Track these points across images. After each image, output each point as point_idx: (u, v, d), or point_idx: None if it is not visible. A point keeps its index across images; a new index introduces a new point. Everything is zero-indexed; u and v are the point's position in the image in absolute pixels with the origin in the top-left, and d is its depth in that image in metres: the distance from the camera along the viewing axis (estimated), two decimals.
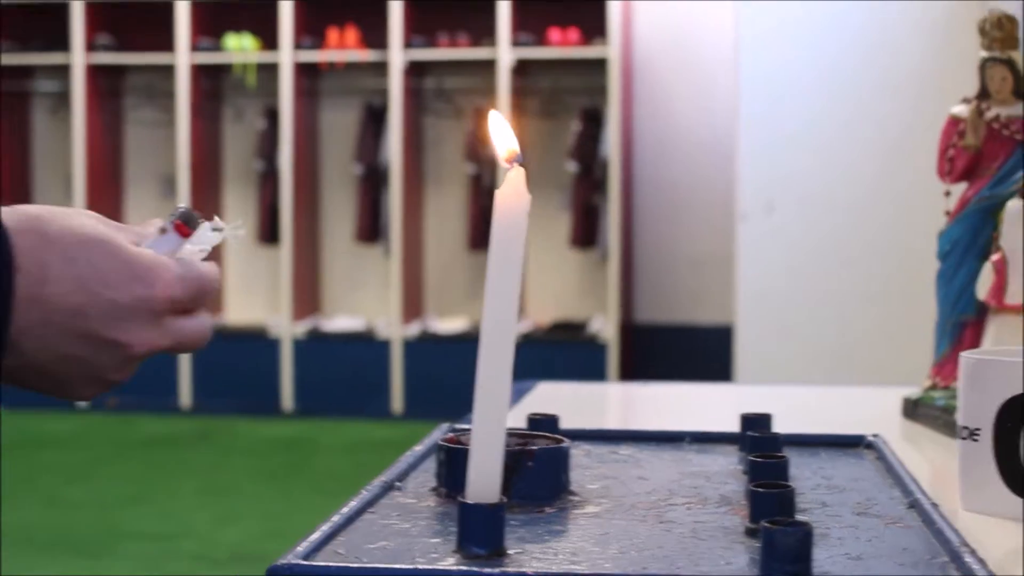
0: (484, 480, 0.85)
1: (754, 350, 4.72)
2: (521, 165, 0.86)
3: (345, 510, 0.94)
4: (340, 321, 7.79)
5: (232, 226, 0.93)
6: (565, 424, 1.20)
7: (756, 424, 1.18)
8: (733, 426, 1.23)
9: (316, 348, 7.64)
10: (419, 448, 1.14)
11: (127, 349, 0.87)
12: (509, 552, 0.86)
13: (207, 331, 0.91)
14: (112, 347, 0.86)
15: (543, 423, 1.16)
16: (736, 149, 4.81)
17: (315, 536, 0.88)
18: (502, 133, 0.88)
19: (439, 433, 1.20)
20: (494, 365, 0.85)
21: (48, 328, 0.84)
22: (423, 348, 7.55)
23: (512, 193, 0.85)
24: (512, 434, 1.04)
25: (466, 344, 7.52)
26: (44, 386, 0.88)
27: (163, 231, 0.90)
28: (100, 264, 0.85)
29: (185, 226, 0.91)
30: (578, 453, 1.18)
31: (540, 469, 0.99)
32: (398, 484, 1.04)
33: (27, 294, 0.83)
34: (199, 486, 5.92)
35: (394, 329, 7.56)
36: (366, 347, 7.62)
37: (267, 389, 7.57)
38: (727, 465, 1.15)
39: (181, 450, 6.76)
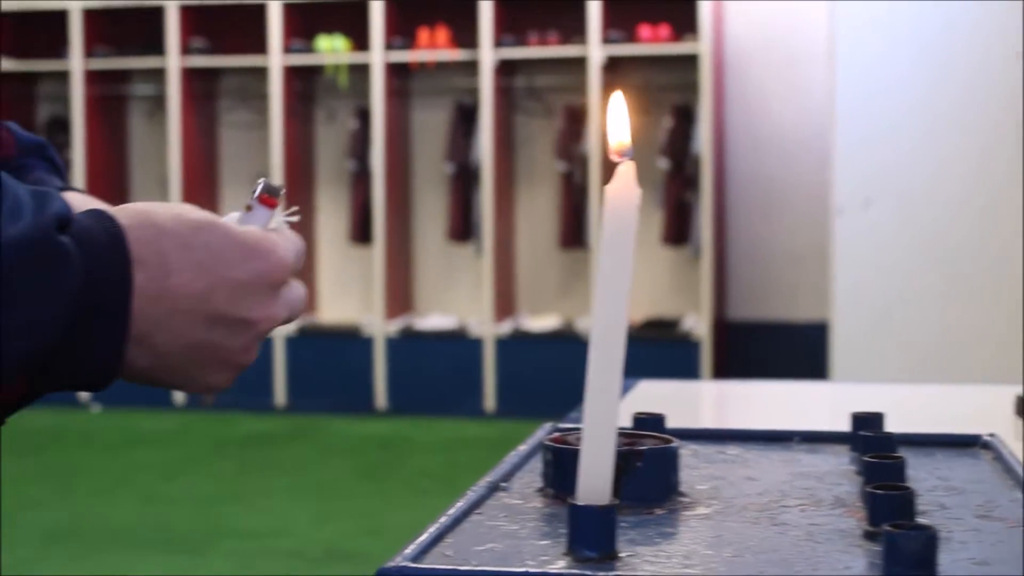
0: (595, 481, 0.83)
1: (850, 347, 4.66)
2: (631, 158, 0.84)
3: (452, 511, 0.93)
4: (432, 320, 7.80)
5: (287, 212, 0.93)
6: (669, 422, 1.18)
7: (868, 423, 1.15)
8: (837, 425, 1.20)
9: (409, 347, 7.66)
10: (523, 448, 1.12)
11: (255, 326, 0.87)
12: (621, 555, 0.84)
13: (305, 297, 0.91)
14: (241, 326, 0.86)
15: (649, 422, 1.14)
16: (832, 143, 4.75)
17: (423, 538, 0.86)
18: (619, 121, 0.86)
19: (543, 432, 1.18)
20: (605, 363, 0.83)
21: (176, 317, 0.84)
22: (515, 346, 7.55)
23: (622, 188, 0.83)
24: (619, 434, 1.02)
25: (558, 342, 7.51)
26: (177, 380, 0.87)
27: (248, 208, 0.91)
28: (216, 246, 0.85)
29: (271, 198, 0.91)
30: (685, 453, 1.16)
31: (650, 470, 0.97)
32: (504, 485, 1.03)
33: (150, 287, 0.82)
34: (294, 484, 5.96)
35: (486, 327, 7.57)
36: (458, 345, 7.63)
37: (361, 388, 7.61)
38: (838, 465, 1.12)
39: (276, 448, 6.81)
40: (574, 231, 7.62)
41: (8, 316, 0.76)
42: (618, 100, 0.86)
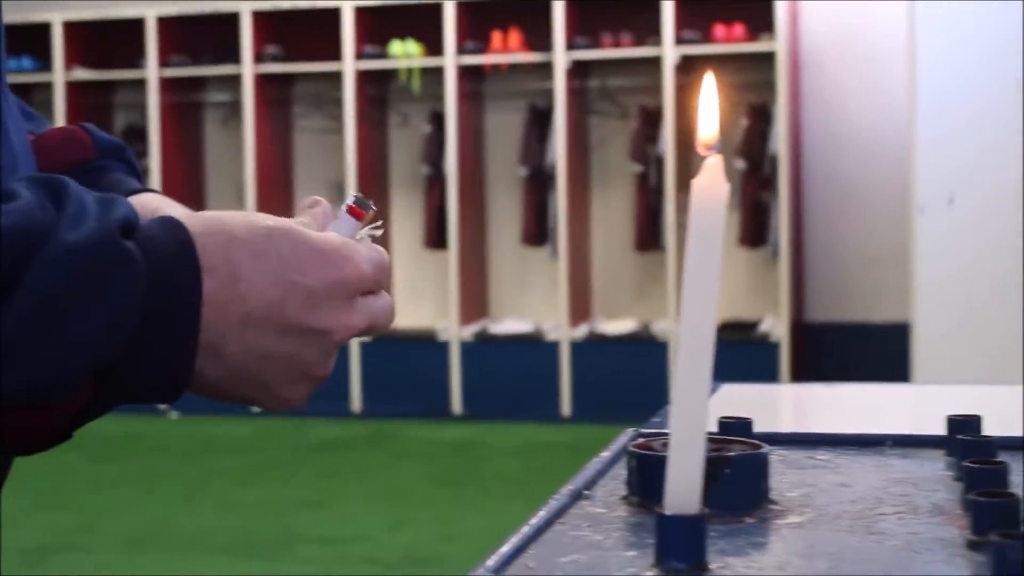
0: (683, 490, 0.79)
1: (933, 348, 4.58)
2: (719, 153, 0.80)
3: (534, 520, 0.90)
4: (508, 324, 7.78)
5: (372, 226, 0.90)
6: (754, 428, 1.14)
7: (964, 427, 1.11)
8: (926, 428, 1.16)
9: (484, 351, 7.65)
10: (606, 454, 1.09)
11: (330, 336, 0.83)
12: (711, 566, 0.80)
13: (392, 309, 0.88)
14: (315, 336, 0.83)
15: (736, 427, 1.10)
16: (913, 140, 4.67)
17: (505, 549, 0.83)
18: (709, 111, 0.82)
19: (626, 438, 1.14)
20: (694, 368, 0.79)
21: (248, 327, 0.81)
22: (591, 350, 7.50)
23: (710, 183, 0.79)
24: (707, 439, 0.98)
25: (634, 345, 7.46)
26: (250, 393, 0.84)
27: (336, 217, 0.89)
28: (289, 253, 0.82)
29: (359, 209, 0.89)
30: (773, 459, 1.12)
31: (739, 477, 0.93)
32: (587, 493, 0.99)
33: (220, 295, 0.80)
34: (371, 490, 5.95)
35: (561, 331, 7.53)
36: (534, 350, 7.60)
37: (436, 393, 7.60)
38: (934, 471, 1.08)
39: (353, 454, 6.81)
40: (650, 233, 7.56)
41: (70, 324, 0.74)
42: (710, 85, 0.82)
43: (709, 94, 0.81)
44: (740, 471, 0.93)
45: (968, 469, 0.94)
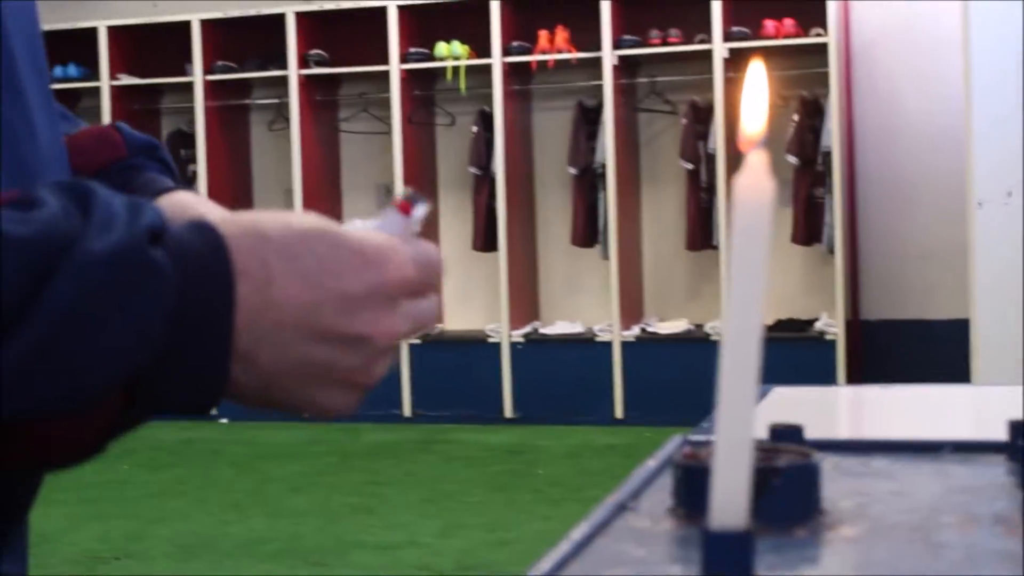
0: (729, 503, 0.75)
1: (993, 346, 4.50)
2: (763, 147, 0.75)
3: (576, 534, 0.85)
4: (559, 326, 7.74)
5: (418, 210, 0.86)
6: (806, 434, 1.09)
7: None
8: (988, 432, 1.10)
9: (536, 353, 7.60)
10: (652, 463, 1.04)
11: (370, 341, 0.80)
12: None
13: (438, 309, 0.85)
14: (354, 342, 0.79)
15: (787, 434, 1.05)
16: (969, 134, 4.59)
17: (545, 565, 0.79)
18: (755, 103, 0.76)
19: (672, 446, 1.10)
20: (739, 376, 0.74)
21: (282, 332, 0.77)
22: (643, 350, 7.45)
23: (753, 181, 0.74)
24: (755, 448, 0.94)
25: (687, 346, 7.39)
26: (290, 400, 0.81)
27: (384, 214, 0.85)
28: (325, 256, 0.78)
29: (408, 205, 0.85)
30: (825, 467, 1.07)
31: (789, 487, 0.88)
32: (631, 505, 0.95)
33: (254, 299, 0.77)
34: (422, 495, 5.92)
35: (613, 332, 7.48)
36: (586, 351, 7.55)
37: (488, 396, 7.56)
38: (995, 478, 1.02)
39: (404, 459, 6.78)
40: (702, 231, 7.49)
41: (95, 335, 0.72)
42: (757, 75, 0.76)
43: (757, 85, 0.76)
44: (790, 482, 0.88)
45: None
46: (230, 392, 0.79)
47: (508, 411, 7.54)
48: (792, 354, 7.17)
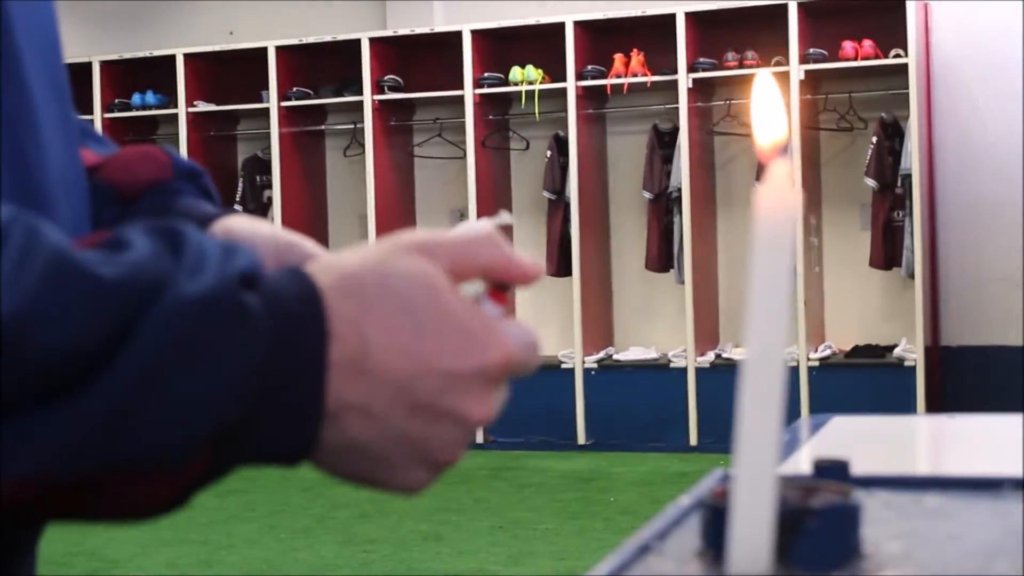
0: (750, 545, 0.68)
1: None
2: (785, 153, 0.68)
3: None
4: (633, 352, 7.65)
5: (502, 216, 0.83)
6: (860, 467, 1.00)
7: None
8: None
9: (609, 380, 7.52)
10: (685, 500, 0.97)
11: (464, 422, 0.76)
12: None
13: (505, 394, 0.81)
14: (447, 420, 0.75)
15: (831, 470, 0.97)
16: None
17: None
18: (768, 111, 0.70)
19: (711, 481, 1.02)
20: (760, 404, 0.68)
21: (375, 403, 0.73)
22: (718, 377, 7.34)
23: (776, 192, 0.67)
24: (792, 486, 0.86)
25: None
26: (371, 473, 0.76)
27: (477, 300, 0.80)
28: (429, 326, 0.74)
29: (501, 293, 0.80)
30: (875, 504, 0.99)
31: (825, 528, 0.81)
32: (656, 545, 0.87)
33: (349, 369, 0.72)
34: (493, 523, 5.86)
35: (688, 358, 7.38)
36: (660, 377, 7.46)
37: (561, 422, 7.49)
38: None
39: (475, 486, 6.72)
40: None
41: (186, 383, 0.68)
42: (765, 84, 0.70)
43: (768, 93, 0.69)
44: (826, 523, 0.81)
45: None
46: (313, 459, 0.75)
47: (581, 437, 7.47)
48: (871, 381, 7.04)
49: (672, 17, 7.39)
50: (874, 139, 7.22)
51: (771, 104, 0.70)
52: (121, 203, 1.01)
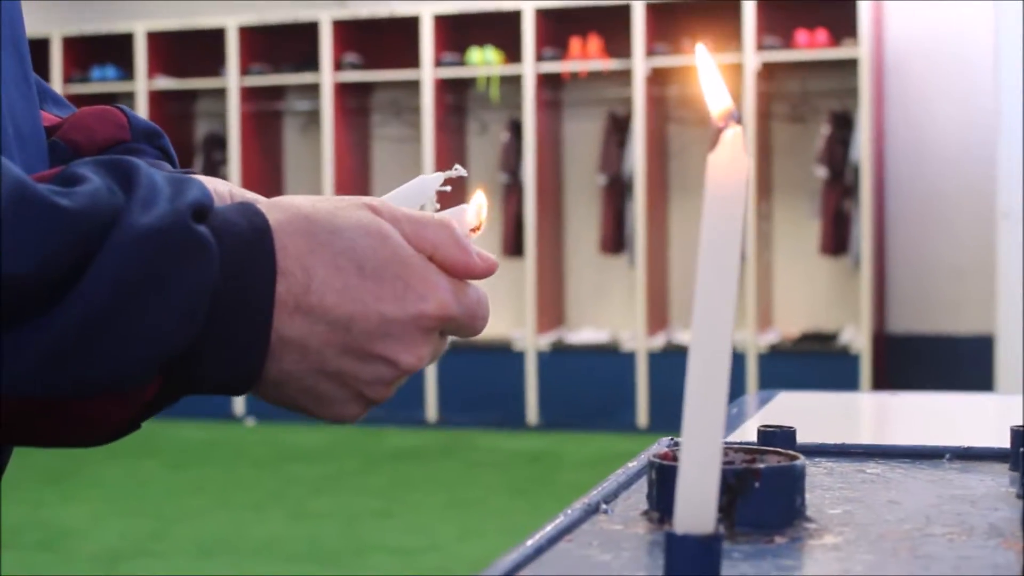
0: (696, 505, 0.71)
1: (1017, 361, 4.43)
2: (737, 123, 0.71)
3: (538, 536, 0.81)
4: (584, 333, 7.69)
5: (456, 169, 0.87)
6: (804, 437, 1.05)
7: None
8: (998, 442, 1.06)
9: (561, 361, 7.56)
10: (633, 464, 1.00)
11: (394, 366, 0.79)
12: None
13: (443, 347, 0.83)
14: (379, 362, 0.79)
15: (777, 436, 1.01)
16: (998, 149, 4.53)
17: (499, 568, 0.75)
18: (712, 82, 0.73)
19: (658, 447, 1.06)
20: (706, 367, 0.71)
21: (311, 339, 0.77)
22: (668, 359, 7.39)
23: (728, 159, 0.71)
24: (740, 450, 0.90)
25: None
26: (304, 403, 0.81)
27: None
28: (372, 270, 0.77)
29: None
30: (819, 472, 1.03)
31: (769, 491, 0.84)
32: (604, 507, 0.91)
33: (291, 302, 0.76)
34: (444, 500, 5.89)
35: (639, 341, 7.43)
36: (611, 359, 7.51)
37: (512, 402, 7.53)
38: (996, 487, 0.98)
39: (427, 463, 6.76)
40: None
41: (143, 310, 0.71)
42: (704, 56, 0.73)
43: (707, 64, 0.73)
44: (771, 485, 0.84)
45: None
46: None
47: (532, 418, 7.51)
48: (817, 366, 7.12)
49: (628, 7, 7.42)
50: (825, 129, 7.28)
51: (712, 75, 0.74)
52: None
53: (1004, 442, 1.05)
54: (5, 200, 0.69)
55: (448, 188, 0.89)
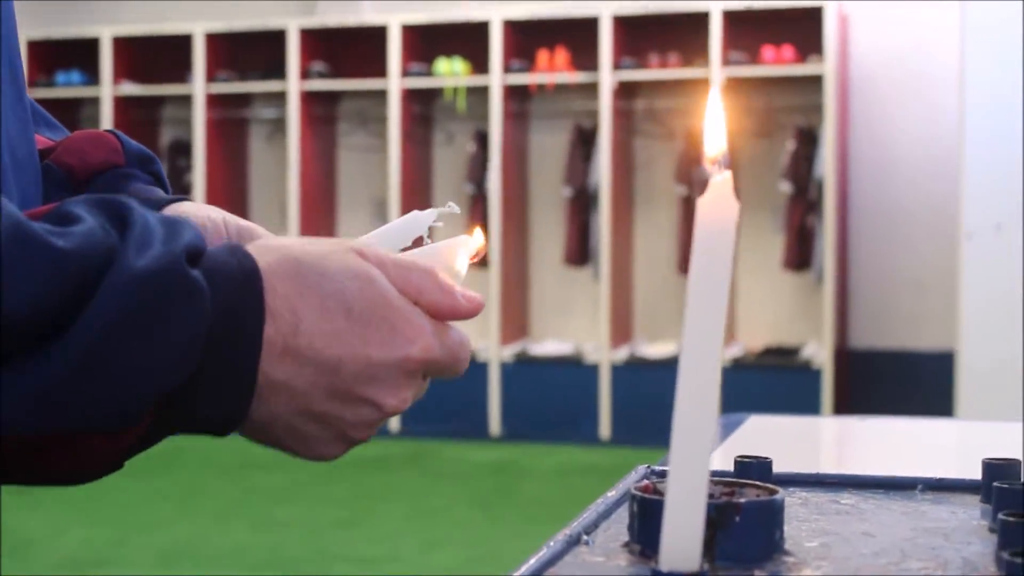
0: (682, 542, 0.72)
1: (978, 379, 4.48)
2: (727, 168, 0.73)
3: (523, 569, 0.83)
4: (548, 345, 7.71)
5: (446, 207, 0.90)
6: (778, 465, 1.06)
7: (1002, 472, 1.03)
8: (968, 469, 1.08)
9: (524, 372, 7.58)
10: (612, 494, 1.02)
11: (379, 408, 0.81)
12: None
13: (423, 389, 0.86)
14: (364, 405, 0.80)
15: (754, 467, 1.02)
16: (961, 167, 4.57)
17: None
18: (716, 125, 0.75)
19: (635, 476, 1.07)
20: (695, 408, 0.72)
21: (299, 381, 0.78)
22: (632, 372, 7.42)
23: (717, 202, 0.72)
24: (718, 482, 0.91)
25: (675, 368, 7.33)
26: (289, 443, 0.82)
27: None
28: (359, 314, 0.79)
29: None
30: (793, 502, 1.05)
31: (749, 525, 0.86)
32: (586, 538, 0.92)
33: (279, 344, 0.77)
34: (406, 510, 5.89)
35: (602, 353, 7.45)
36: (574, 371, 7.53)
37: (475, 413, 7.53)
38: (968, 520, 1.00)
39: (390, 473, 6.75)
40: None
41: (136, 351, 0.72)
42: (715, 100, 0.75)
43: (715, 109, 0.75)
44: (751, 519, 0.86)
45: (1003, 523, 0.86)
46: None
47: (495, 429, 7.52)
48: (779, 381, 7.15)
49: (596, 20, 7.45)
50: (791, 144, 7.33)
51: (717, 119, 0.76)
52: (72, 186, 1.03)
53: (972, 469, 1.07)
54: (4, 240, 0.69)
55: (441, 224, 0.90)
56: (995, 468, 1.04)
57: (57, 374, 0.70)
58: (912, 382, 7.25)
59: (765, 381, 7.15)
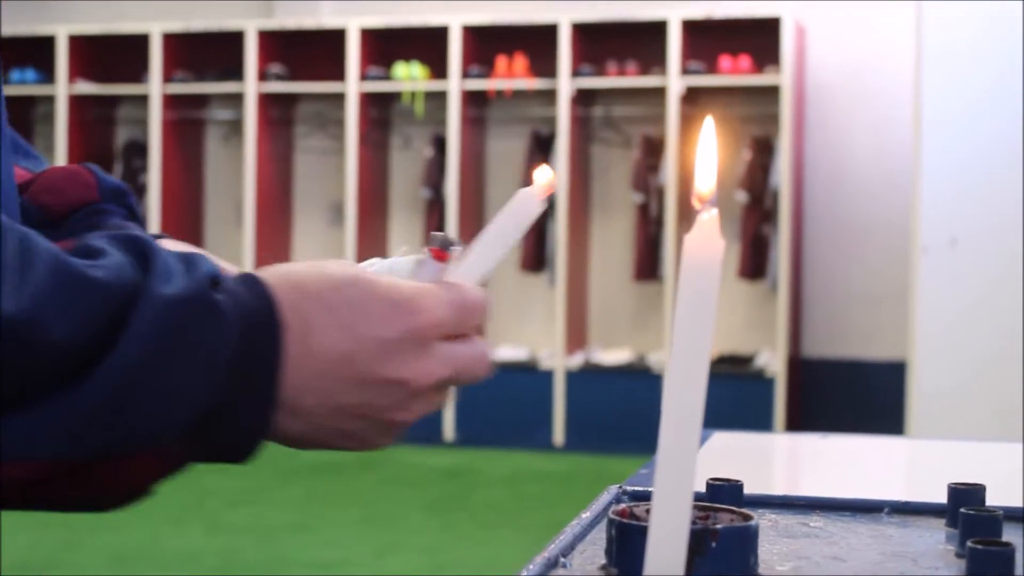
0: (665, 569, 0.74)
1: (932, 391, 4.52)
2: (713, 206, 0.74)
3: None
4: (503, 351, 7.72)
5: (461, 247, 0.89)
6: (746, 485, 1.08)
7: (968, 497, 1.05)
8: (928, 489, 1.10)
9: None
10: (586, 515, 1.03)
11: (405, 384, 0.82)
12: None
13: (486, 356, 0.87)
14: (390, 386, 0.82)
15: (724, 491, 1.04)
16: (917, 180, 4.61)
17: None
18: (707, 160, 0.76)
19: (607, 496, 1.09)
20: (679, 441, 0.74)
21: (323, 380, 0.80)
22: (586, 379, 7.45)
23: (703, 240, 0.74)
24: (693, 506, 0.93)
25: (630, 376, 7.40)
26: (338, 441, 0.84)
27: (420, 263, 0.88)
28: (359, 304, 0.81)
29: (442, 251, 0.88)
30: (764, 524, 1.06)
31: (725, 550, 0.87)
32: (563, 560, 0.93)
33: (296, 351, 0.79)
34: (360, 515, 5.89)
35: (557, 359, 7.47)
36: (529, 377, 7.55)
37: (429, 418, 7.50)
38: (935, 544, 1.02)
39: (344, 478, 6.75)
40: (648, 263, 7.52)
41: (171, 376, 0.74)
42: (709, 131, 0.76)
43: (709, 142, 0.76)
44: (727, 545, 0.88)
45: (972, 550, 0.88)
46: (281, 438, 0.82)
47: (449, 434, 7.52)
48: (732, 389, 7.19)
49: (555, 27, 7.47)
50: (747, 153, 7.38)
51: (710, 153, 0.77)
52: (48, 224, 1.05)
53: (932, 489, 1.09)
54: (43, 273, 0.72)
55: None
56: (960, 493, 1.06)
57: (99, 397, 0.72)
58: (864, 391, 7.31)
59: (719, 389, 7.17)
